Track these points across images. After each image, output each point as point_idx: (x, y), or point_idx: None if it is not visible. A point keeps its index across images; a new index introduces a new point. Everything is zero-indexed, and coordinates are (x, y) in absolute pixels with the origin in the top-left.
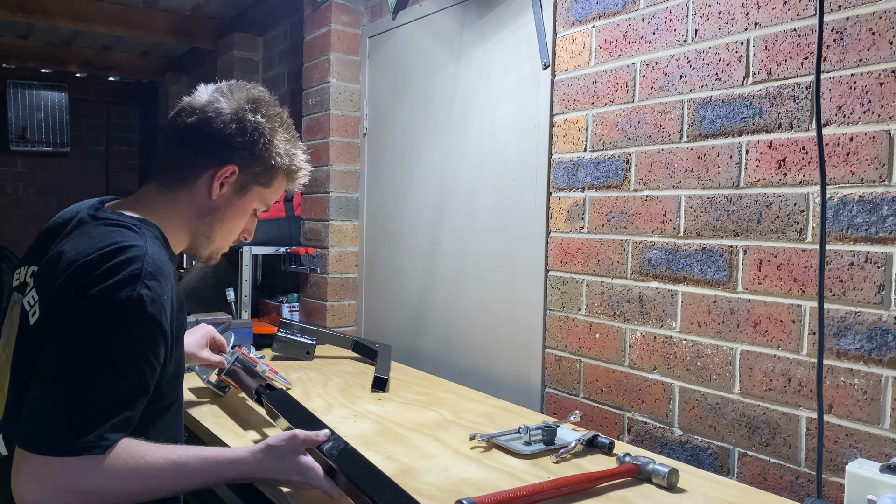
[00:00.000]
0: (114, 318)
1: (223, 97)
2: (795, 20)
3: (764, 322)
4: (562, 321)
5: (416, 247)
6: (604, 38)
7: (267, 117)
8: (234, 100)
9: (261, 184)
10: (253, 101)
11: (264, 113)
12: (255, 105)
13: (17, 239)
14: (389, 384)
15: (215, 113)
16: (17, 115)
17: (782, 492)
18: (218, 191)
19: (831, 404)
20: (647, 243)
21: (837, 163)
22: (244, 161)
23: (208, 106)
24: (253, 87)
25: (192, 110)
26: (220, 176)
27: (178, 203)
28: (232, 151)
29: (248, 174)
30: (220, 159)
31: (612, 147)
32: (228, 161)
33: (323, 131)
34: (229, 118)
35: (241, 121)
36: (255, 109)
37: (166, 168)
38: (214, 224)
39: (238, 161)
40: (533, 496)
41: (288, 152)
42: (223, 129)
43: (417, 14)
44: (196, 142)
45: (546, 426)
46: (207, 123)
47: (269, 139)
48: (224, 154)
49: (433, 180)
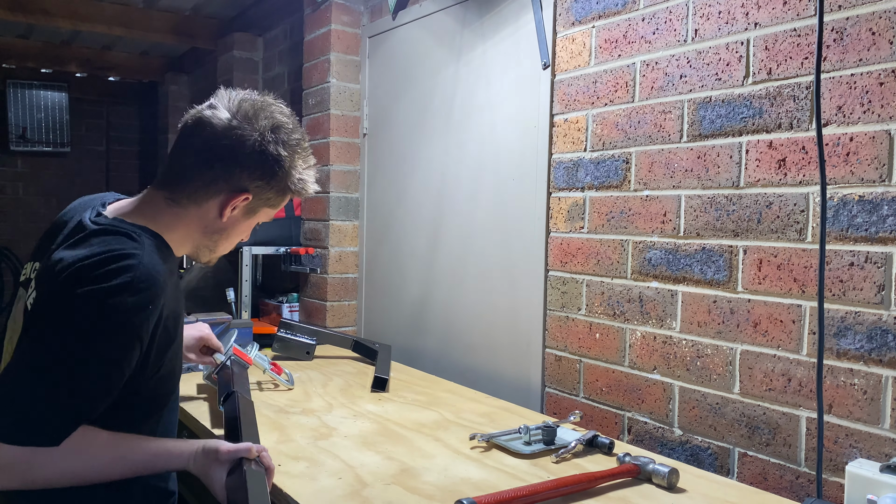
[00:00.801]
0: (95, 321)
1: (246, 122)
2: (795, 20)
3: (764, 322)
4: (562, 321)
5: (416, 247)
6: (604, 38)
7: (288, 147)
8: (258, 128)
9: (270, 206)
10: (275, 130)
11: (285, 142)
12: (276, 134)
13: (18, 239)
14: (389, 384)
15: (237, 141)
16: (17, 115)
17: (782, 492)
18: (230, 213)
19: (831, 404)
20: (647, 243)
21: (837, 163)
22: (259, 189)
23: (230, 132)
24: (276, 108)
25: (213, 130)
26: (233, 203)
27: (185, 218)
28: (250, 181)
29: (260, 199)
30: (235, 187)
31: (612, 147)
32: (245, 190)
33: (323, 131)
34: (251, 148)
35: (263, 153)
36: (276, 140)
37: (177, 181)
38: (220, 241)
39: (253, 189)
40: (533, 496)
41: (302, 180)
42: (244, 159)
43: (417, 14)
44: (213, 165)
45: (546, 426)
46: (228, 150)
47: (288, 171)
48: (240, 183)
49: (433, 180)
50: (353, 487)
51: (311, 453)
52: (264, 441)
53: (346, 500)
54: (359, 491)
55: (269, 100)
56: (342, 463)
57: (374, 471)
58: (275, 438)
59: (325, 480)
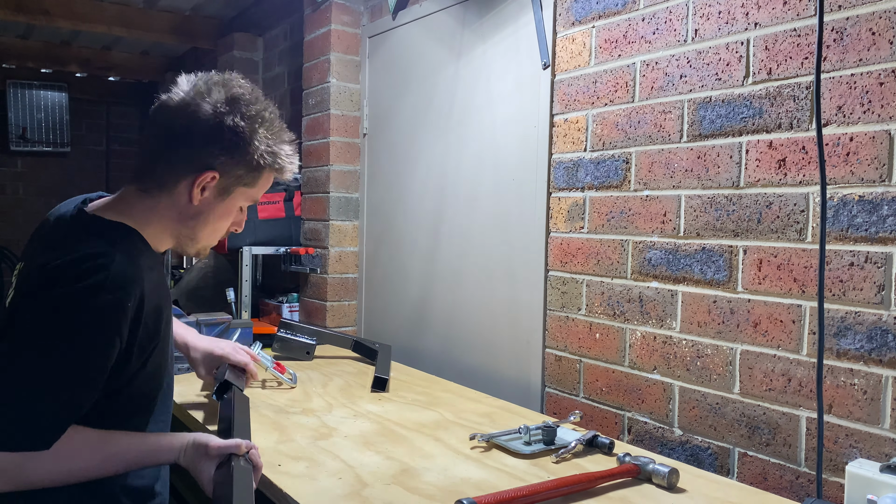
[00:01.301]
0: (71, 322)
1: (200, 98)
2: (795, 20)
3: (764, 322)
4: (562, 321)
5: (417, 247)
6: (604, 38)
7: (247, 118)
8: (212, 101)
9: (245, 184)
10: (231, 102)
11: (244, 113)
12: (232, 106)
13: (18, 239)
14: (389, 384)
15: (192, 118)
16: (17, 115)
17: (782, 492)
18: (199, 196)
19: (831, 404)
20: (647, 243)
21: (837, 163)
22: (225, 166)
23: (185, 109)
24: (234, 83)
25: (169, 111)
26: (199, 182)
27: (158, 207)
28: (211, 157)
29: (230, 177)
30: (198, 166)
31: (612, 147)
32: (208, 167)
33: (323, 131)
34: (206, 123)
35: (220, 126)
36: (232, 111)
37: (144, 170)
38: (197, 227)
39: (218, 167)
40: (533, 496)
41: (271, 151)
42: (200, 134)
43: (417, 14)
44: (173, 147)
45: (546, 426)
46: (184, 128)
47: (249, 141)
48: (203, 160)
49: (433, 180)
50: (353, 487)
51: (311, 453)
52: (265, 441)
53: (346, 500)
54: (359, 491)
55: (228, 76)
56: (342, 463)
57: (374, 471)
58: (275, 438)
59: (325, 480)
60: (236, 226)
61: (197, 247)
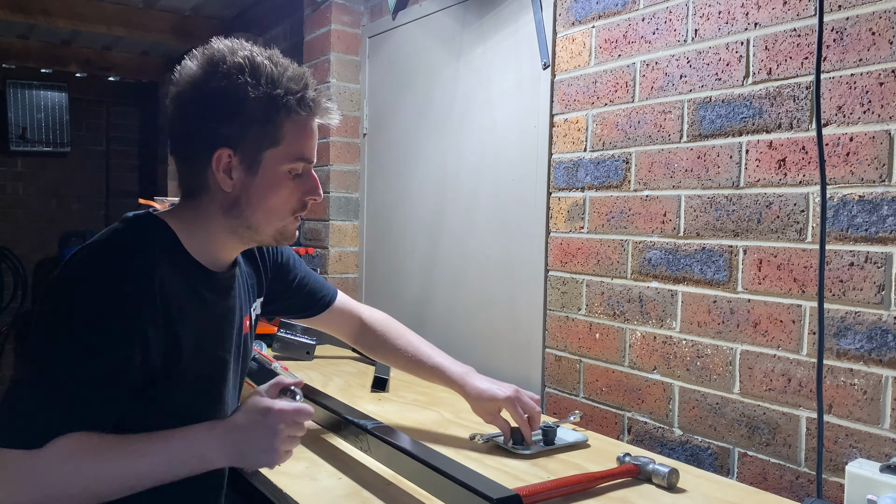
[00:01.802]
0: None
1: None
2: (795, 20)
3: (764, 322)
4: (562, 321)
5: (417, 247)
6: (604, 38)
7: (228, 75)
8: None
9: (269, 146)
10: (209, 65)
11: (224, 72)
12: (211, 69)
13: (17, 239)
14: (389, 384)
15: (179, 106)
16: (17, 115)
17: (782, 492)
18: (229, 180)
19: (831, 404)
20: (647, 243)
21: (837, 163)
22: (230, 138)
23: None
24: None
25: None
26: (218, 168)
27: (202, 209)
28: (213, 135)
29: (246, 148)
30: (206, 150)
31: (612, 147)
32: (214, 147)
33: (323, 131)
34: (191, 101)
35: (204, 97)
36: (212, 74)
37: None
38: (246, 213)
39: (223, 142)
40: (533, 496)
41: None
42: (192, 118)
43: (417, 14)
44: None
45: (546, 426)
46: (178, 120)
47: (237, 96)
48: (207, 143)
49: (433, 180)
50: (353, 487)
51: (311, 453)
52: None
53: (346, 500)
54: (359, 491)
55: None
56: (342, 463)
57: (375, 471)
58: None
59: (325, 480)
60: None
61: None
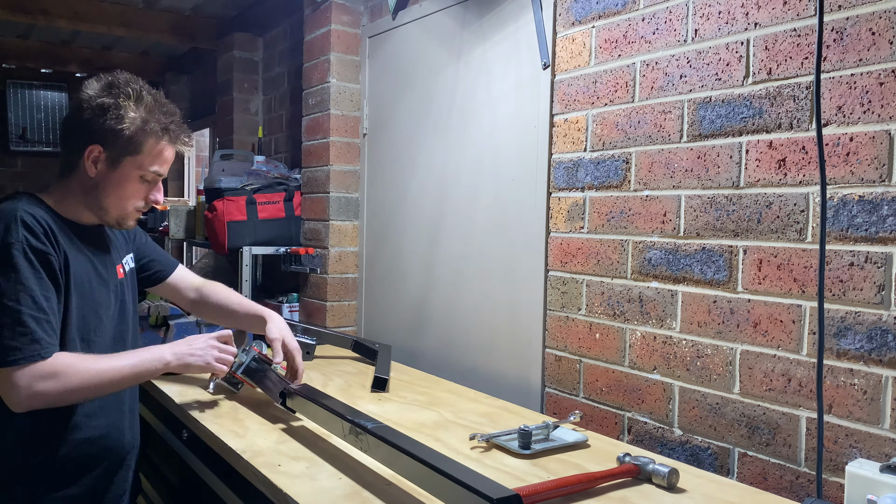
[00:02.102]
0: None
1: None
2: (795, 20)
3: (764, 322)
4: (562, 321)
5: (416, 247)
6: (604, 38)
7: (119, 96)
8: (94, 88)
9: (130, 153)
10: (108, 86)
11: (117, 93)
12: (109, 89)
13: None
14: (389, 384)
15: (77, 108)
16: (17, 115)
17: (782, 492)
18: (94, 169)
19: (831, 404)
20: (647, 243)
21: (837, 163)
22: (104, 139)
23: (74, 101)
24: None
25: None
26: (88, 156)
27: (71, 185)
28: (93, 133)
29: (114, 149)
30: (85, 143)
31: (612, 147)
32: (91, 142)
33: (323, 131)
34: (87, 106)
35: (99, 106)
36: (108, 93)
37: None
38: (100, 196)
39: (99, 140)
40: (533, 496)
41: (141, 118)
42: (84, 116)
43: (417, 14)
44: (68, 133)
45: (546, 426)
46: (72, 115)
47: (119, 113)
48: (87, 137)
49: (433, 180)
50: (353, 487)
51: (311, 453)
52: (264, 441)
53: (346, 500)
54: (359, 491)
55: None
56: (342, 463)
57: (374, 471)
58: (275, 438)
59: (325, 480)
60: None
61: (110, 216)
